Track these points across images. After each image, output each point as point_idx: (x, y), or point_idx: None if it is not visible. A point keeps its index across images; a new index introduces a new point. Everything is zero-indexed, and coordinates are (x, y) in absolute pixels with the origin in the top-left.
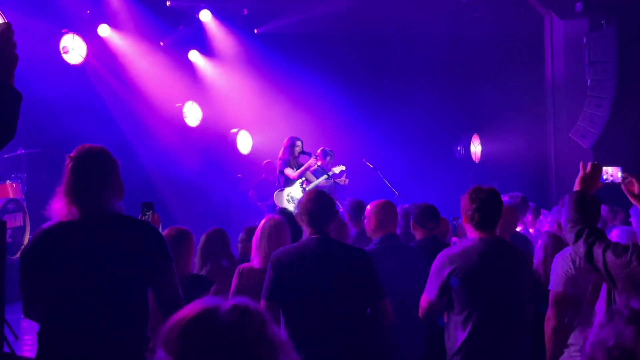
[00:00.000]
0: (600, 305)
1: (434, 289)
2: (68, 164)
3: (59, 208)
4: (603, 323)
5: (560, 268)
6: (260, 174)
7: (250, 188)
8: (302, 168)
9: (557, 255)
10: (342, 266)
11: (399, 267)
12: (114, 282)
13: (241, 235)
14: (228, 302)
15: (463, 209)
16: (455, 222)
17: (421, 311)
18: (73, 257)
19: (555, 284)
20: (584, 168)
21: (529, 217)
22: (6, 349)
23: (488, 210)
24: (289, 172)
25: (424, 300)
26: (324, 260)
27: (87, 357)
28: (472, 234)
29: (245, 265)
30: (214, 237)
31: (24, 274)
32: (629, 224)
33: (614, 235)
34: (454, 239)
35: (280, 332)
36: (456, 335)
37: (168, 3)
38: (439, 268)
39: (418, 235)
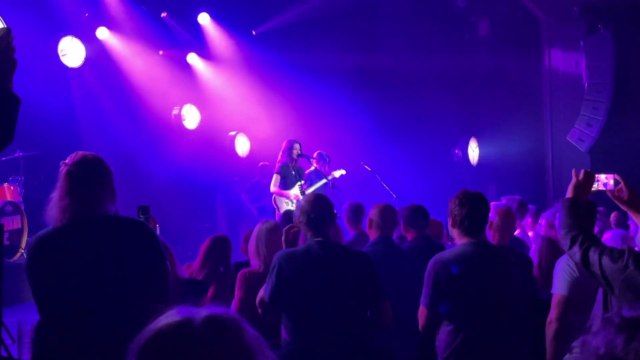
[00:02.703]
0: (597, 310)
1: (427, 296)
2: (62, 169)
3: (54, 213)
4: (596, 331)
5: (564, 271)
6: (254, 176)
7: (243, 190)
8: (282, 192)
9: (560, 259)
10: (344, 268)
11: (390, 270)
12: (111, 284)
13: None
14: (202, 314)
15: (451, 213)
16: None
17: (420, 324)
18: (70, 260)
19: (559, 287)
20: (577, 175)
21: (528, 220)
22: (3, 353)
23: (478, 216)
24: (273, 181)
25: (420, 311)
26: (327, 263)
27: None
28: (461, 239)
29: (247, 269)
30: (219, 243)
31: (30, 282)
32: (627, 227)
33: (607, 238)
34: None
35: (255, 331)
36: (447, 339)
37: (163, 14)
38: (430, 274)
39: (410, 236)
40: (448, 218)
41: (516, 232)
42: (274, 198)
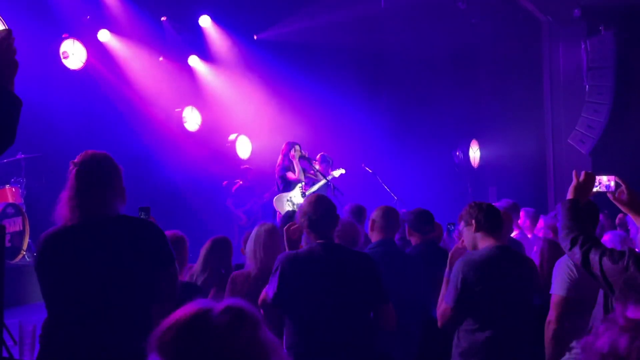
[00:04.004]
0: (598, 311)
1: (452, 296)
2: (72, 169)
3: (64, 212)
4: (599, 331)
5: (563, 272)
6: (237, 181)
7: (228, 195)
8: (298, 169)
9: (559, 260)
10: (348, 270)
11: (391, 272)
12: (119, 283)
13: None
14: (221, 304)
15: (470, 217)
16: (451, 228)
17: (441, 320)
18: (79, 259)
19: (558, 288)
20: (577, 177)
21: (527, 223)
22: (5, 354)
23: (496, 216)
24: (291, 175)
25: (443, 309)
26: (331, 265)
27: (90, 359)
28: (482, 242)
29: (239, 272)
30: (220, 245)
31: (39, 280)
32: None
33: (605, 240)
34: (457, 244)
35: (272, 334)
36: (472, 339)
37: (163, 18)
38: (459, 274)
39: (414, 240)
40: (468, 224)
41: (515, 235)
42: (275, 200)
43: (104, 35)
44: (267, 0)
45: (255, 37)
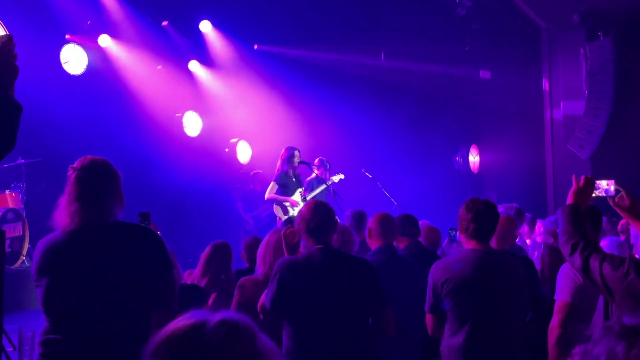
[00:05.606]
0: (598, 318)
1: (428, 301)
2: (71, 174)
3: (62, 218)
4: (597, 339)
5: (567, 277)
6: (248, 185)
7: (238, 199)
8: (278, 197)
9: (564, 265)
10: (347, 276)
11: (393, 278)
12: (118, 290)
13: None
14: (216, 317)
15: (459, 220)
16: (452, 233)
17: (429, 330)
18: (78, 266)
19: (562, 293)
20: (577, 182)
21: (525, 228)
22: None
23: (483, 221)
24: (269, 188)
25: (427, 317)
26: (329, 270)
27: None
28: (466, 245)
29: (248, 278)
30: (220, 250)
31: (36, 286)
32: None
33: (602, 245)
34: (452, 248)
35: (272, 339)
36: (449, 344)
37: (164, 23)
38: (433, 279)
39: (402, 244)
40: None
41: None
42: (275, 205)
43: (104, 41)
44: (267, 7)
45: (255, 47)
